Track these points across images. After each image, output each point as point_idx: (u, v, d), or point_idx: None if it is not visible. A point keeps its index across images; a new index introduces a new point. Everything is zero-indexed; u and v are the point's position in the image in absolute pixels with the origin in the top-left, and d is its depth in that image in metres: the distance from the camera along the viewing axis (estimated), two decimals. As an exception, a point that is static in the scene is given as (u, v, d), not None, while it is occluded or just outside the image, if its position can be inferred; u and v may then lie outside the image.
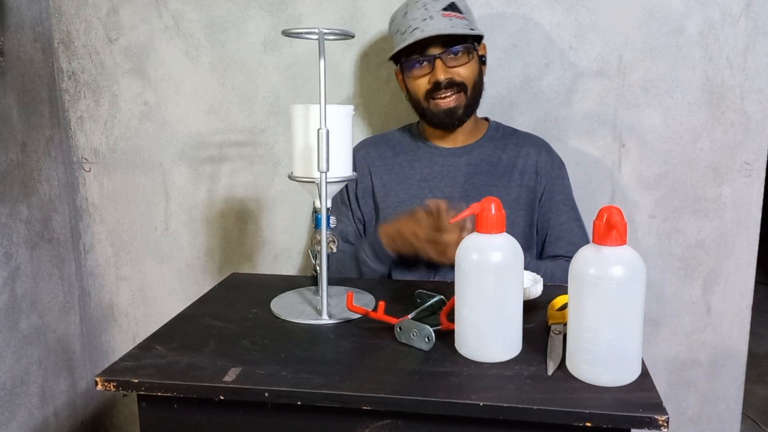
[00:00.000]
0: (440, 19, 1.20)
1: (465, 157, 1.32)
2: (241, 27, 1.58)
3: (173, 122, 1.66)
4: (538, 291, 1.01)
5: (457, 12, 1.22)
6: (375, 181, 1.35)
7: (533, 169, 1.31)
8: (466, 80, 1.24)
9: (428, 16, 1.20)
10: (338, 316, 0.95)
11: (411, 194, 1.32)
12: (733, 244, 1.49)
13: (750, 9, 1.40)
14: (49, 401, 1.67)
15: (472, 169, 1.31)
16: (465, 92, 1.25)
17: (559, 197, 1.32)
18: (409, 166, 1.34)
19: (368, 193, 1.37)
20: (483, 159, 1.32)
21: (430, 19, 1.20)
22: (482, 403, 0.69)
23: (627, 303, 0.72)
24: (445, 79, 1.22)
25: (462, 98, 1.26)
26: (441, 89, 1.24)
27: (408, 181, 1.33)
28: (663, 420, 0.66)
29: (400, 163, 1.35)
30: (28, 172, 1.58)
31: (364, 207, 1.37)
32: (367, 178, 1.36)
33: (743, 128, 1.44)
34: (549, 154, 1.34)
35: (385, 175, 1.35)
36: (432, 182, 1.32)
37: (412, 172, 1.33)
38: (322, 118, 0.90)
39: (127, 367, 0.79)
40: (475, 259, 0.79)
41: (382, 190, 1.34)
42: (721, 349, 1.54)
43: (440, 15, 1.21)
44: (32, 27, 1.59)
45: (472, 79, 1.26)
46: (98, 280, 1.79)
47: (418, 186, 1.32)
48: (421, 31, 1.20)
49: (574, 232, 1.32)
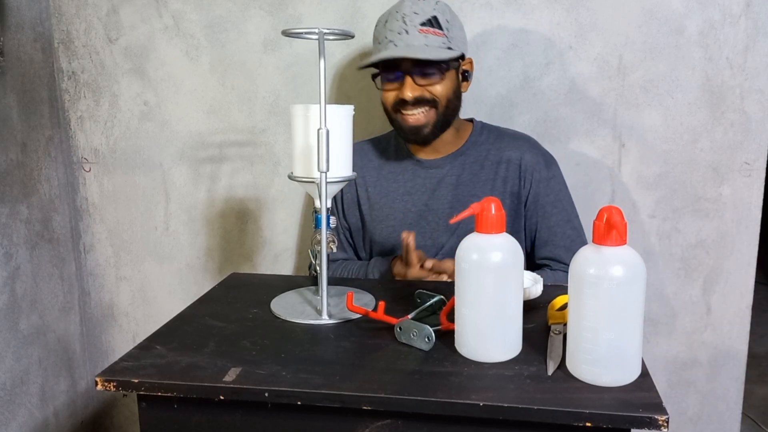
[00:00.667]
0: (416, 35, 1.17)
1: (447, 167, 1.31)
2: (241, 27, 1.58)
3: (173, 122, 1.66)
4: (538, 291, 1.01)
5: (436, 28, 1.18)
6: (360, 193, 1.35)
7: (516, 174, 1.28)
8: (438, 97, 1.21)
9: (404, 30, 1.17)
10: (338, 316, 0.95)
11: (396, 208, 1.32)
12: (733, 244, 1.49)
13: (750, 9, 1.40)
14: (49, 401, 1.67)
15: (455, 179, 1.30)
16: (436, 108, 1.22)
17: (546, 199, 1.29)
18: (393, 179, 1.33)
19: (354, 204, 1.37)
20: (465, 168, 1.30)
21: (405, 34, 1.17)
22: (482, 403, 0.69)
23: (627, 303, 0.72)
24: (412, 97, 1.19)
25: (432, 115, 1.22)
26: (408, 105, 1.21)
27: (392, 195, 1.33)
28: (663, 420, 0.66)
29: (385, 176, 1.34)
30: (28, 172, 1.58)
31: (351, 217, 1.37)
32: (353, 188, 1.35)
33: (743, 128, 1.44)
34: (534, 155, 1.30)
35: (371, 188, 1.35)
36: (415, 195, 1.31)
37: (396, 185, 1.33)
38: (322, 118, 0.90)
39: (127, 367, 0.79)
40: (475, 259, 0.79)
41: (368, 203, 1.35)
42: (721, 349, 1.54)
43: (417, 31, 1.17)
44: (32, 27, 1.59)
45: (445, 96, 1.22)
46: (98, 280, 1.79)
47: (401, 200, 1.32)
48: (395, 45, 1.17)
49: (566, 235, 1.30)
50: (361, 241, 1.40)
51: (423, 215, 1.30)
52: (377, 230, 1.34)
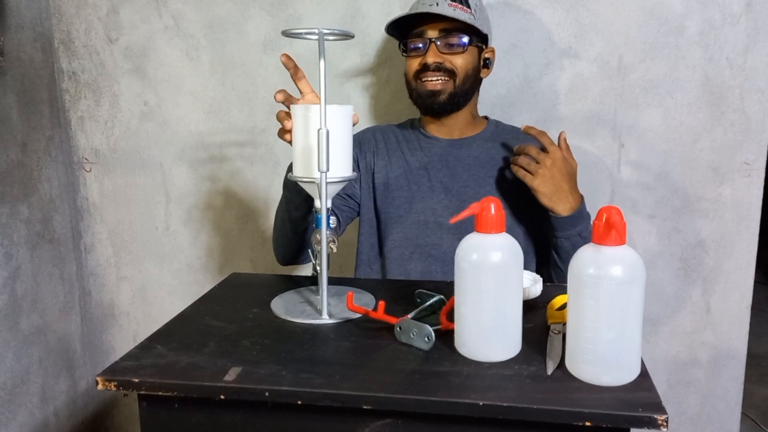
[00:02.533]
0: (445, 7, 1.23)
1: (464, 149, 1.33)
2: (241, 27, 1.58)
3: (173, 122, 1.66)
4: (538, 291, 1.01)
5: (465, 6, 1.25)
6: (377, 162, 1.36)
7: None
8: (457, 68, 1.26)
9: (435, 2, 1.23)
10: (338, 316, 0.95)
11: (410, 181, 1.33)
12: (733, 244, 1.49)
13: (750, 9, 1.40)
14: (49, 401, 1.67)
15: (472, 160, 1.32)
16: (454, 80, 1.26)
17: None
18: (411, 153, 1.35)
19: (368, 171, 1.37)
20: (483, 152, 1.33)
21: (435, 6, 1.23)
22: (482, 402, 0.69)
23: (627, 303, 0.72)
24: (433, 63, 1.25)
25: (449, 85, 1.27)
26: (429, 71, 1.26)
27: (408, 167, 1.34)
28: (663, 420, 0.66)
29: (403, 150, 1.36)
30: (29, 172, 1.58)
31: (363, 182, 1.36)
32: (370, 156, 1.37)
33: (743, 128, 1.44)
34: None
35: (387, 158, 1.36)
36: (431, 171, 1.32)
37: (412, 159, 1.34)
38: (322, 118, 0.90)
39: (127, 367, 0.79)
40: (475, 259, 0.79)
41: (382, 172, 1.35)
42: (721, 349, 1.54)
43: (446, 4, 1.23)
44: (32, 27, 1.59)
45: (464, 70, 1.26)
46: (99, 280, 1.79)
47: (416, 173, 1.33)
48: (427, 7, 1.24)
49: None
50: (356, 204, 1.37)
51: (437, 191, 1.31)
52: (389, 200, 1.34)
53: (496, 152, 1.33)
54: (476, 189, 1.30)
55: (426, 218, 1.30)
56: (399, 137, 1.38)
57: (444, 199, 1.31)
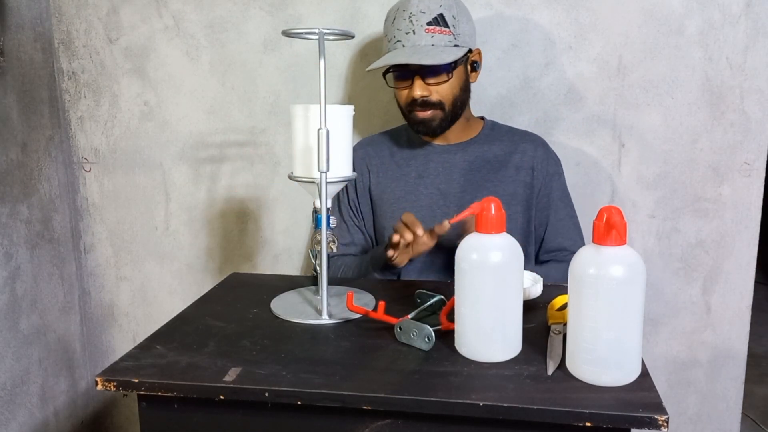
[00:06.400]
0: (422, 35, 1.19)
1: (460, 154, 1.33)
2: (241, 27, 1.58)
3: (173, 122, 1.66)
4: (538, 291, 1.01)
5: (443, 26, 1.20)
6: (372, 179, 1.37)
7: (529, 165, 1.32)
8: (443, 99, 1.24)
9: (411, 30, 1.20)
10: (338, 316, 0.95)
11: (407, 191, 1.33)
12: (733, 244, 1.49)
13: (750, 9, 1.40)
14: (49, 401, 1.67)
15: (468, 165, 1.32)
16: (443, 109, 1.26)
17: (556, 194, 1.34)
18: (405, 163, 1.35)
19: (366, 191, 1.38)
20: (478, 156, 1.33)
21: (412, 34, 1.20)
22: (482, 403, 0.69)
23: (627, 303, 0.72)
24: (420, 97, 1.23)
25: (439, 113, 1.26)
26: (417, 105, 1.25)
27: (404, 178, 1.34)
28: (663, 420, 0.66)
29: (397, 161, 1.36)
30: (29, 172, 1.58)
31: (364, 206, 1.39)
32: (365, 176, 1.37)
33: (743, 128, 1.44)
34: (545, 151, 1.35)
35: (382, 173, 1.36)
36: (428, 179, 1.33)
37: (408, 169, 1.34)
38: (322, 118, 0.90)
39: (127, 367, 0.79)
40: (475, 259, 0.79)
41: (379, 187, 1.36)
42: (721, 349, 1.54)
43: (423, 31, 1.19)
44: (32, 27, 1.59)
45: (452, 96, 1.25)
46: (98, 280, 1.79)
47: (413, 183, 1.33)
48: (403, 46, 1.21)
49: (571, 229, 1.34)
50: (372, 229, 1.40)
51: (434, 198, 1.32)
52: (388, 213, 1.34)
53: (492, 155, 1.33)
54: (473, 193, 1.30)
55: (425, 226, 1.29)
56: (392, 148, 1.38)
57: (443, 206, 1.31)
